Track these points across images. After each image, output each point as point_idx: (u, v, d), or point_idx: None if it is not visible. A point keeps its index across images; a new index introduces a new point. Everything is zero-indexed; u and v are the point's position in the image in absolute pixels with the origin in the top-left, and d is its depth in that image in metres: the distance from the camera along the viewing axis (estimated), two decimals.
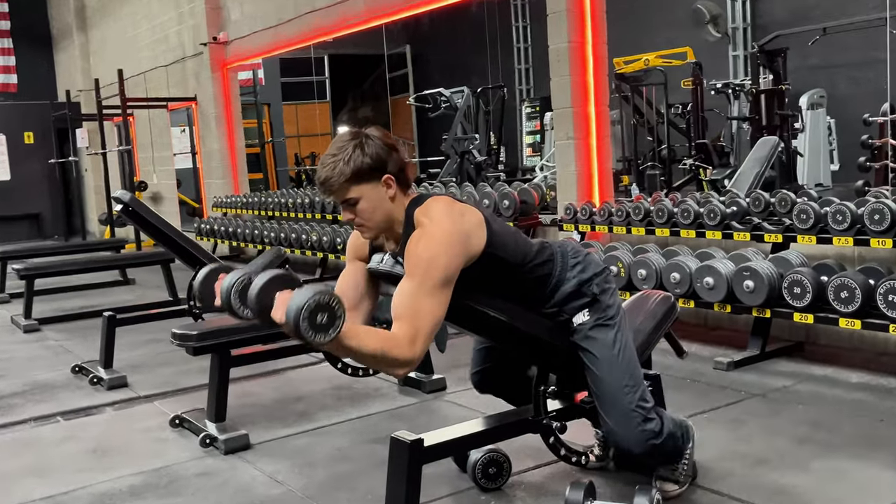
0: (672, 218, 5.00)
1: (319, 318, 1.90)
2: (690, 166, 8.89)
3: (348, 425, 3.70)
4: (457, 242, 2.18)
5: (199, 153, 11.49)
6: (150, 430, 3.80)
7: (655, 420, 2.44)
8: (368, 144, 2.19)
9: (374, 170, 2.19)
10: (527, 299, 2.45)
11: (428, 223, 2.19)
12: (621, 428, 2.40)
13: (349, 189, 2.19)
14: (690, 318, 5.06)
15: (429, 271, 2.13)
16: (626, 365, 2.43)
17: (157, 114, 12.00)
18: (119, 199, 4.91)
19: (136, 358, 5.16)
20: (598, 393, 2.44)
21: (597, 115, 5.86)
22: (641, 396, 2.43)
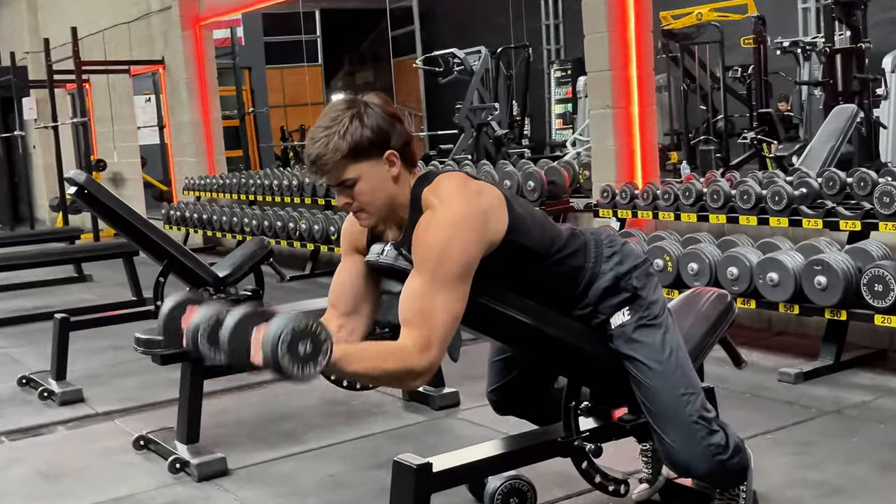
0: (729, 202, 4.99)
1: (301, 348, 1.91)
2: (751, 140, 8.87)
3: (344, 448, 3.71)
4: (473, 226, 2.17)
5: (167, 126, 11.53)
6: (110, 452, 3.82)
7: (720, 432, 2.44)
8: (368, 114, 2.19)
9: (374, 145, 2.19)
10: (555, 297, 2.44)
11: (438, 205, 2.18)
12: (683, 444, 2.40)
13: (346, 168, 2.18)
14: (751, 321, 5.05)
15: (441, 262, 2.13)
16: (680, 370, 2.43)
17: (117, 80, 12.04)
18: (73, 180, 4.92)
19: (94, 368, 5.18)
20: (652, 407, 2.44)
21: (639, 79, 5.85)
22: (703, 406, 2.43)
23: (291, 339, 1.90)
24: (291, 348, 1.90)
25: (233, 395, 4.53)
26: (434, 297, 2.12)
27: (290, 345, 1.90)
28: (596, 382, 2.61)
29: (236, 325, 1.98)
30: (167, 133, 11.63)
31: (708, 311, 2.84)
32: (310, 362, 1.93)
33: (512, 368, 2.75)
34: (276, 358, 1.89)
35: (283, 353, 1.89)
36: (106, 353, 5.48)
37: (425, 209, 2.21)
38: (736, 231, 5.04)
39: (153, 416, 4.24)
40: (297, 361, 1.91)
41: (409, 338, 2.11)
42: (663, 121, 10.25)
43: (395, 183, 2.24)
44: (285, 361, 1.90)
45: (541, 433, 2.68)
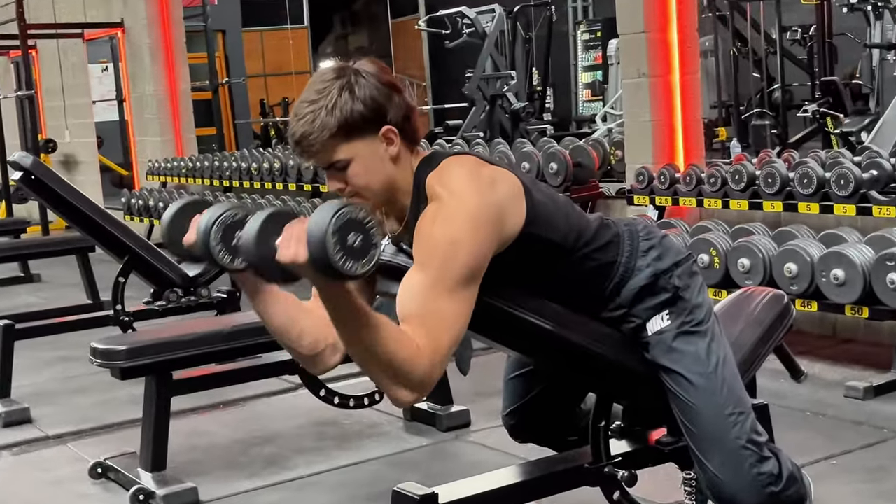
0: (786, 186, 4.99)
1: (353, 238, 1.88)
2: (813, 114, 8.84)
3: (336, 476, 3.72)
4: (486, 222, 2.18)
5: (127, 100, 11.55)
6: (62, 481, 3.84)
7: (772, 459, 2.44)
8: (359, 85, 2.19)
9: (368, 120, 2.19)
10: (581, 298, 2.44)
11: (446, 195, 2.18)
12: (729, 473, 2.40)
13: (336, 148, 2.19)
14: (812, 327, 5.05)
15: (448, 262, 2.13)
16: (727, 386, 2.43)
17: (69, 46, 12.06)
18: (17, 164, 4.95)
19: (43, 383, 5.21)
20: (693, 428, 2.44)
21: (681, 42, 5.84)
22: (752, 428, 2.43)
23: (345, 223, 1.87)
24: (343, 234, 1.86)
25: (206, 414, 4.55)
26: (438, 300, 2.13)
27: (343, 229, 1.86)
28: (629, 399, 2.61)
29: (265, 222, 1.96)
30: (127, 108, 11.65)
31: (761, 315, 2.84)
32: (356, 260, 1.89)
33: (532, 386, 2.75)
34: (324, 238, 1.85)
35: (333, 235, 1.85)
36: (57, 366, 5.51)
37: (430, 198, 2.21)
38: (794, 221, 5.04)
39: (112, 439, 4.26)
40: (344, 252, 1.87)
41: (414, 335, 2.10)
42: (709, 91, 10.23)
43: (394, 164, 2.24)
44: (332, 245, 1.85)
45: (565, 458, 2.68)
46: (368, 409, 4.18)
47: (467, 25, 11.09)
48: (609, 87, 12.03)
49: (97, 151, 12.44)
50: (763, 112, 9.88)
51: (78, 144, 12.39)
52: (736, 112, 10.22)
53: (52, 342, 5.58)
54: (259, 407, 4.63)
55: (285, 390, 4.73)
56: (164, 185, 9.98)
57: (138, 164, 11.03)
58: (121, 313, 5.04)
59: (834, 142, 8.39)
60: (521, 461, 2.82)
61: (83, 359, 3.85)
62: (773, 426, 2.67)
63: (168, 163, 9.99)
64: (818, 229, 4.79)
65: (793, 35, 10.10)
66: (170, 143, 10.56)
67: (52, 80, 12.55)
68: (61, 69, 12.24)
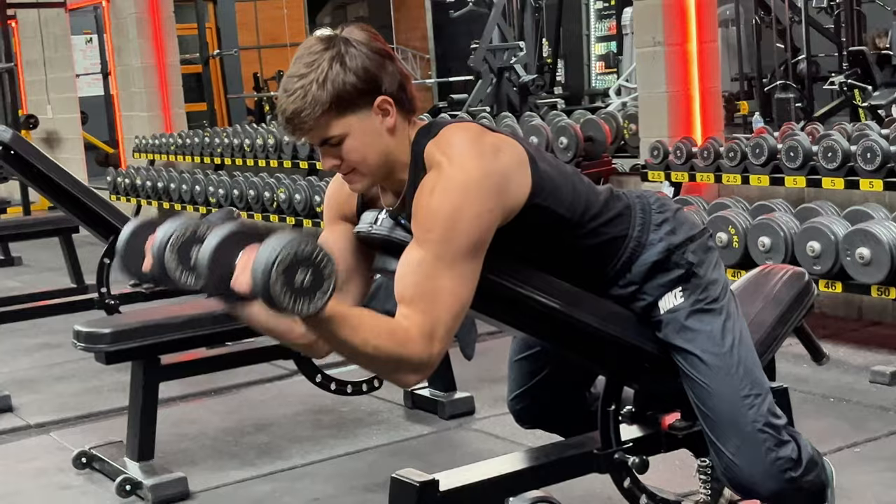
0: (810, 160, 4.98)
1: (300, 276, 1.89)
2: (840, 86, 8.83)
3: (333, 465, 3.74)
4: (489, 191, 2.18)
5: (113, 74, 11.55)
6: (44, 472, 3.87)
7: (791, 443, 2.45)
8: (350, 55, 2.17)
9: (362, 92, 2.19)
10: (589, 273, 2.45)
11: (445, 163, 2.18)
12: (745, 458, 2.41)
13: (330, 124, 2.18)
14: (836, 309, 5.05)
15: (448, 235, 2.14)
16: (743, 366, 2.43)
17: (51, 16, 12.07)
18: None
19: (24, 370, 5.24)
20: (707, 411, 2.45)
21: (698, 9, 5.84)
22: (770, 410, 2.44)
23: (291, 262, 1.88)
24: (288, 274, 1.87)
25: (196, 401, 4.57)
26: (438, 276, 2.13)
27: (288, 269, 1.87)
28: (641, 381, 2.62)
29: (221, 242, 1.97)
30: (113, 82, 11.65)
31: (780, 294, 2.84)
32: (306, 297, 1.90)
33: (539, 368, 2.75)
34: (267, 281, 1.87)
35: (276, 277, 1.87)
36: (39, 352, 5.54)
37: (429, 168, 2.21)
38: (818, 197, 5.04)
39: (97, 427, 4.29)
40: (291, 291, 1.89)
41: (410, 319, 2.12)
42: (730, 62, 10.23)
43: (391, 136, 2.24)
44: (277, 288, 1.87)
45: (573, 444, 2.68)
46: (367, 396, 4.20)
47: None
48: (623, 58, 12.00)
49: (81, 128, 12.46)
50: (787, 84, 9.86)
51: (61, 120, 12.41)
52: (759, 85, 10.21)
53: (34, 327, 5.62)
54: (252, 394, 4.66)
55: (279, 377, 4.75)
56: (151, 162, 9.99)
57: (124, 141, 11.04)
58: (106, 296, 5.06)
59: (862, 115, 8.38)
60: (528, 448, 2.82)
61: (67, 345, 3.88)
62: (794, 412, 2.68)
63: (156, 139, 10.00)
64: (843, 206, 4.79)
65: (819, 2, 10.07)
66: (158, 119, 10.56)
67: (32, 52, 12.56)
68: (42, 41, 12.25)
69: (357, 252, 2.42)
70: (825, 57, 10.47)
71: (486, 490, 2.49)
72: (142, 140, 10.22)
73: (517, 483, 2.55)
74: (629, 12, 11.37)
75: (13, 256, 8.48)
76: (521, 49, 10.52)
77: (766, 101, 10.03)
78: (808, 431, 2.68)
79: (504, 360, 2.82)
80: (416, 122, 2.31)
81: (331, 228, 2.46)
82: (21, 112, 12.04)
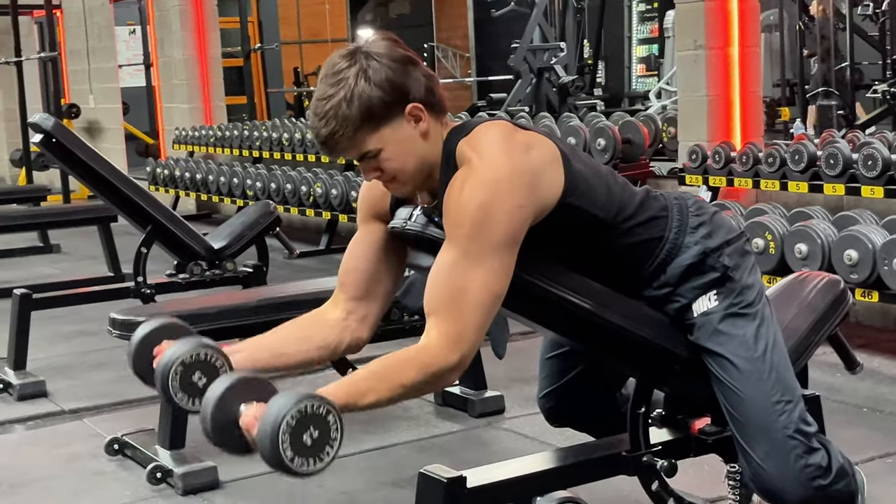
0: (849, 168, 4.95)
1: (307, 436, 1.96)
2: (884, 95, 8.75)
3: (361, 459, 3.76)
4: (520, 187, 2.19)
5: (155, 65, 11.63)
6: (77, 457, 3.90)
7: (821, 451, 2.44)
8: (373, 68, 2.18)
9: (389, 104, 2.20)
10: (623, 275, 2.45)
11: (476, 160, 2.20)
12: (774, 464, 2.40)
13: (365, 139, 2.21)
14: (872, 318, 5.01)
15: (478, 230, 2.15)
16: (775, 372, 2.43)
17: (96, 7, 12.17)
18: (38, 126, 5.01)
19: (60, 356, 5.28)
20: (737, 416, 2.44)
21: (741, 13, 5.81)
22: (801, 417, 2.43)
23: (294, 431, 1.93)
24: (296, 446, 1.94)
25: None
26: (468, 272, 2.15)
27: (293, 443, 1.93)
28: (671, 384, 2.62)
29: (219, 401, 2.02)
30: (155, 73, 11.73)
31: (815, 301, 2.83)
32: (324, 448, 1.98)
33: (571, 367, 2.76)
34: (280, 461, 1.93)
35: (290, 458, 1.93)
36: (75, 339, 5.58)
37: (460, 165, 2.23)
38: (857, 205, 5.01)
39: (130, 415, 4.32)
40: (305, 457, 1.95)
41: (433, 331, 2.15)
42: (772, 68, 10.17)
43: (425, 140, 2.26)
44: (297, 464, 1.94)
45: (601, 445, 2.69)
46: None
47: None
48: (665, 61, 11.96)
49: (122, 118, 12.55)
50: (829, 91, 9.78)
51: (102, 110, 12.50)
52: (801, 91, 10.14)
53: (71, 315, 5.66)
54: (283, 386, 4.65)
55: (312, 371, 4.75)
56: (191, 154, 10.06)
57: (164, 132, 11.12)
58: (142, 285, 5.09)
59: None
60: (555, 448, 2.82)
61: (102, 332, 3.91)
62: (826, 421, 2.66)
63: (196, 131, 10.07)
64: (882, 215, 4.76)
65: (864, 9, 9.99)
66: (198, 111, 10.63)
67: (76, 42, 12.66)
68: (86, 31, 12.35)
69: (387, 250, 2.45)
70: (868, 65, 10.38)
71: (513, 488, 2.49)
72: (182, 131, 10.28)
73: (545, 483, 2.55)
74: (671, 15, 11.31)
75: (52, 244, 8.55)
76: (561, 49, 10.50)
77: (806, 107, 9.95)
78: (841, 441, 2.66)
79: (536, 360, 2.83)
80: (446, 122, 2.33)
81: (363, 226, 2.49)
82: (63, 101, 12.15)
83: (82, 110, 12.31)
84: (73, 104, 12.27)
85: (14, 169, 13.21)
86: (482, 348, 3.20)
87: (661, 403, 2.66)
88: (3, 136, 14.27)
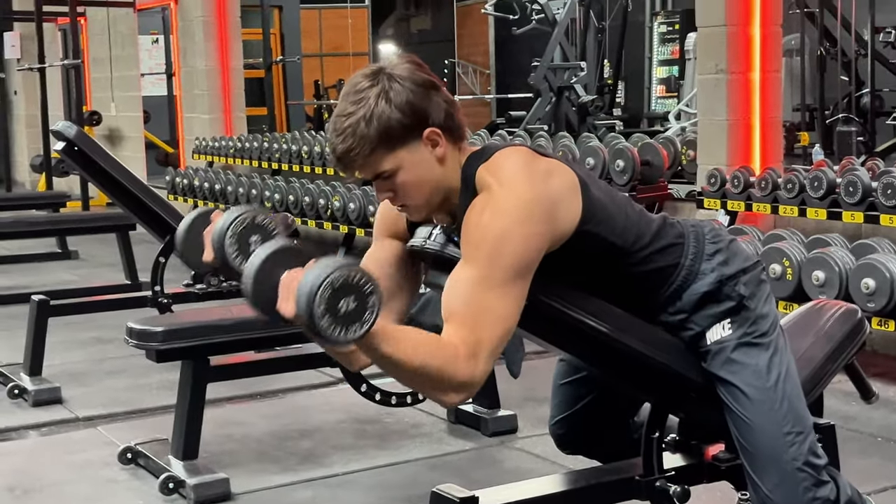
0: (869, 196, 4.94)
1: (344, 304, 1.91)
2: None
3: (373, 475, 3.76)
4: (539, 215, 2.20)
5: (177, 75, 11.68)
6: (90, 465, 3.92)
7: (830, 484, 2.43)
8: (394, 90, 2.19)
9: (408, 127, 2.21)
10: (639, 301, 2.45)
11: (496, 186, 2.20)
12: (782, 495, 2.40)
13: (380, 159, 2.22)
14: (888, 348, 5.00)
15: (497, 256, 2.16)
16: (787, 402, 2.42)
17: (119, 15, 12.24)
18: (61, 133, 5.05)
19: (76, 363, 5.31)
20: (747, 445, 2.44)
21: (763, 38, 5.81)
22: (811, 449, 2.42)
23: (333, 292, 1.89)
24: (331, 304, 1.89)
25: (242, 403, 4.61)
26: (485, 294, 2.15)
27: (331, 300, 1.89)
28: (686, 410, 2.62)
29: (265, 261, 2.00)
30: (176, 83, 11.78)
31: (832, 330, 2.82)
32: (352, 325, 1.92)
33: (584, 394, 2.75)
34: (312, 314, 1.89)
35: (321, 311, 1.89)
36: (91, 347, 5.60)
37: (479, 191, 2.23)
38: (876, 234, 4.99)
39: (144, 424, 4.34)
40: (336, 322, 1.91)
41: (455, 336, 2.13)
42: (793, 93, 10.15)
43: (441, 165, 2.27)
44: (321, 315, 1.89)
45: (615, 469, 2.69)
46: (411, 408, 4.21)
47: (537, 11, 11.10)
48: (685, 83, 11.97)
49: (143, 127, 12.60)
50: (850, 118, 9.75)
51: (124, 118, 12.56)
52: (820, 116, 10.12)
53: (88, 322, 5.68)
54: (297, 400, 4.68)
55: (325, 384, 4.78)
56: (210, 164, 10.09)
57: (185, 141, 11.15)
58: (159, 294, 5.11)
59: None
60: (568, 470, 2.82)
61: (118, 340, 3.93)
62: (840, 450, 2.66)
63: (216, 142, 10.10)
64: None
65: (886, 37, 9.97)
66: (218, 122, 10.67)
67: (100, 50, 12.73)
68: (110, 39, 12.41)
69: (403, 268, 2.46)
70: (890, 92, 10.36)
71: None
72: (202, 141, 10.32)
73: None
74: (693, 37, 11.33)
75: (70, 250, 8.58)
76: (582, 69, 10.51)
77: (827, 133, 9.93)
78: (854, 470, 2.66)
79: (549, 379, 2.82)
80: (464, 148, 2.33)
81: (379, 243, 2.50)
82: (85, 108, 12.20)
83: (104, 118, 12.37)
84: (94, 111, 12.33)
85: (34, 174, 13.26)
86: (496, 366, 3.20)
87: (675, 429, 2.66)
88: (24, 141, 14.33)
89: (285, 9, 15.72)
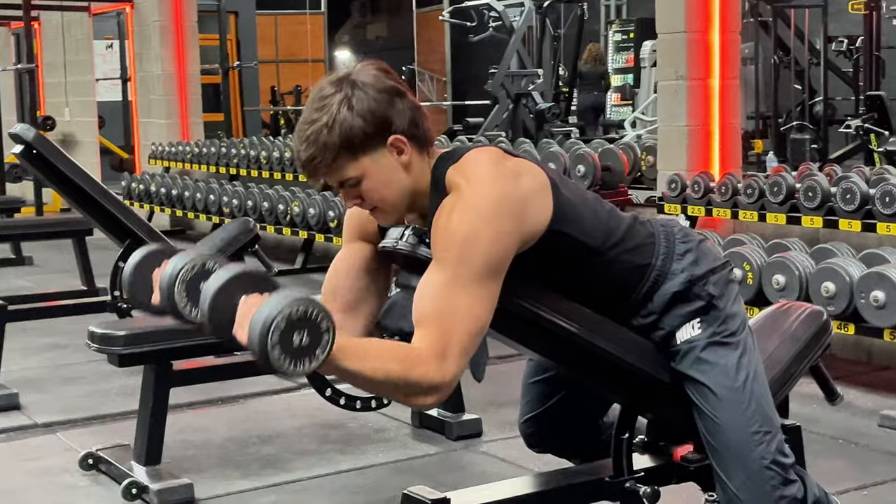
0: (827, 201, 4.99)
1: (297, 338, 1.93)
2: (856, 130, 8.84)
3: (337, 480, 3.74)
4: (508, 214, 2.19)
5: (132, 80, 11.60)
6: (50, 472, 3.86)
7: (797, 483, 2.44)
8: (357, 97, 2.19)
9: (370, 135, 2.20)
10: (611, 302, 2.45)
11: (465, 186, 2.19)
12: (749, 494, 2.40)
13: (344, 167, 2.21)
14: (846, 351, 5.04)
15: (466, 255, 2.15)
16: (755, 402, 2.43)
17: (74, 19, 12.13)
18: (19, 136, 4.97)
19: (33, 370, 5.24)
20: (715, 444, 2.45)
21: (723, 46, 5.87)
22: (779, 449, 2.43)
23: (285, 327, 1.91)
24: (284, 339, 1.91)
25: (204, 409, 4.57)
26: (455, 296, 2.14)
27: (283, 334, 1.91)
28: (656, 411, 2.62)
29: (222, 287, 2.01)
30: (132, 88, 11.70)
31: (798, 332, 2.84)
32: (305, 357, 1.94)
33: (553, 392, 2.74)
34: (265, 348, 1.90)
35: (273, 344, 1.90)
36: (48, 352, 5.54)
37: (449, 191, 2.23)
38: (834, 238, 5.05)
39: (105, 430, 4.29)
40: (289, 355, 1.92)
41: (423, 341, 2.12)
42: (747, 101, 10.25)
43: (407, 171, 2.25)
44: (275, 354, 1.91)
45: (584, 470, 2.69)
46: (375, 413, 4.19)
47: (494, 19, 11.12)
48: (640, 91, 12.05)
49: (97, 132, 12.50)
50: (803, 125, 9.88)
51: (78, 123, 12.46)
52: (774, 124, 10.23)
53: (44, 328, 5.63)
54: (259, 405, 4.65)
55: (288, 389, 4.75)
56: (166, 170, 10.03)
57: (140, 147, 11.08)
58: (119, 299, 5.06)
59: (877, 160, 8.38)
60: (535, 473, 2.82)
61: (76, 346, 3.89)
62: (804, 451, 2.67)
63: (172, 147, 10.04)
64: (859, 248, 4.79)
65: (838, 46, 10.11)
66: (175, 127, 10.61)
67: (54, 54, 12.62)
68: (64, 44, 12.31)
69: (372, 269, 2.45)
70: (842, 100, 10.50)
71: None
72: (158, 147, 10.25)
73: None
74: (648, 45, 11.42)
75: (24, 256, 8.50)
76: (538, 76, 10.53)
77: (780, 141, 10.04)
78: (818, 472, 2.67)
79: (514, 384, 2.82)
80: (432, 152, 2.32)
81: (348, 245, 2.48)
82: (39, 113, 12.08)
83: (57, 123, 12.25)
84: (48, 116, 12.21)
85: None
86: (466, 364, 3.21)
87: (644, 430, 2.67)
88: None
89: (241, 14, 15.68)
